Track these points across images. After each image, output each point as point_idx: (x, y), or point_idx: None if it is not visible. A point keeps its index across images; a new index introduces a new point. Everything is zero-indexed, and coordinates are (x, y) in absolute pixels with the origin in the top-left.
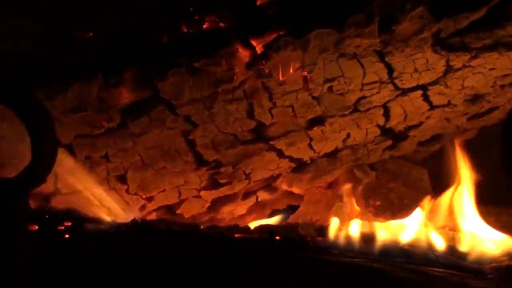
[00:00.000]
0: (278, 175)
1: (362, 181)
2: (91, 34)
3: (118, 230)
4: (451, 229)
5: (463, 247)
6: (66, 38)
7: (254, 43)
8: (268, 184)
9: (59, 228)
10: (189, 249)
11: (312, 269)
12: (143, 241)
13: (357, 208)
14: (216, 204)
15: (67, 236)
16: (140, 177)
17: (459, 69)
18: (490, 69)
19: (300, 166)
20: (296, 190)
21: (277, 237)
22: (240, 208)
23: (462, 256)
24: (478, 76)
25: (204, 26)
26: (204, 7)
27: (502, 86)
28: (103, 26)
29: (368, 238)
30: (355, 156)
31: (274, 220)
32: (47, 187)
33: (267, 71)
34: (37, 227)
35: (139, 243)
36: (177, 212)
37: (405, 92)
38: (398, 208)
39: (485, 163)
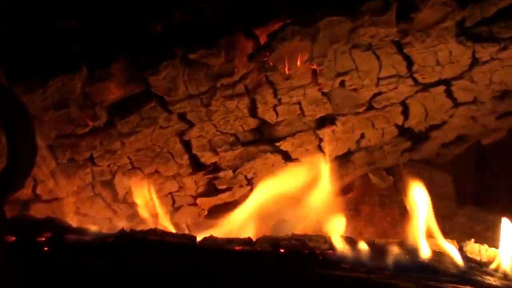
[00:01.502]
0: None
1: (378, 187)
2: (75, 21)
3: (104, 242)
4: (476, 242)
5: (490, 262)
6: (47, 25)
7: (257, 32)
8: None
9: (38, 239)
10: (184, 264)
11: (322, 285)
12: (132, 255)
13: (373, 217)
14: (215, 212)
15: (46, 248)
16: (130, 182)
17: (486, 62)
18: None
19: None
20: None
21: (282, 250)
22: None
23: (489, 272)
24: (508, 70)
25: (202, 13)
26: None
27: None
28: (88, 13)
29: (383, 251)
30: (370, 159)
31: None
32: (25, 193)
33: (271, 63)
34: (13, 238)
35: (128, 257)
36: (170, 221)
37: (426, 87)
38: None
39: None
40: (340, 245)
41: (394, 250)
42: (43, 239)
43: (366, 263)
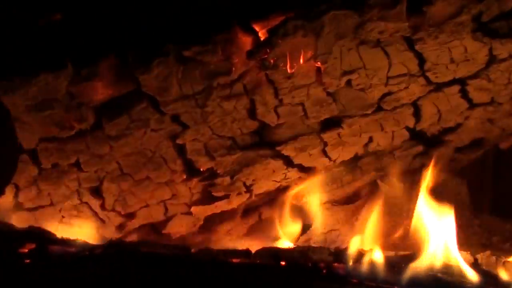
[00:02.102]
0: (286, 188)
1: (387, 195)
2: (60, 15)
3: (91, 254)
4: (493, 254)
5: (509, 275)
6: (29, 20)
7: (256, 27)
8: (274, 199)
9: (20, 250)
10: (177, 277)
11: None
12: (121, 268)
13: (381, 228)
14: (211, 222)
15: (29, 260)
16: (119, 190)
17: (504, 59)
18: None
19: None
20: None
21: (283, 263)
22: (239, 227)
23: (507, 285)
24: None
25: (196, 7)
26: None
27: None
28: (74, 7)
29: (394, 265)
30: (378, 164)
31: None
32: (5, 201)
33: (272, 61)
34: None
35: (117, 270)
36: (163, 232)
37: (439, 87)
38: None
39: None
40: (346, 258)
41: (405, 263)
42: (26, 250)
43: (375, 277)
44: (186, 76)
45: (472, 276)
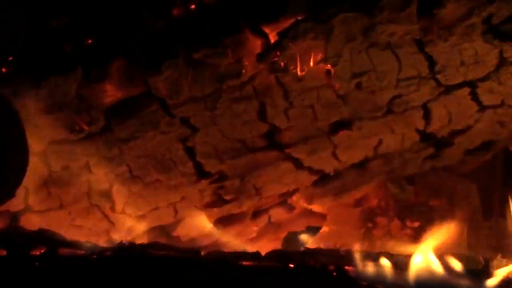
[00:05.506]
0: (295, 190)
1: (397, 198)
2: (69, 19)
3: (101, 256)
4: (504, 257)
5: None
6: (40, 24)
7: (266, 30)
8: (283, 201)
9: (30, 253)
10: (187, 280)
11: None
12: (131, 270)
13: (391, 230)
14: (220, 224)
15: (39, 263)
16: (129, 192)
17: None
18: None
19: (322, 179)
20: (317, 208)
21: (292, 265)
22: (249, 229)
23: None
24: None
25: (206, 9)
26: None
27: None
28: (84, 10)
29: (403, 267)
30: (388, 167)
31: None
32: (15, 203)
33: (282, 64)
34: (4, 253)
35: (127, 273)
36: (173, 234)
37: (449, 89)
38: (441, 230)
39: None
40: (356, 260)
41: (415, 265)
42: (36, 253)
43: (385, 280)
44: (196, 79)
45: (483, 279)
